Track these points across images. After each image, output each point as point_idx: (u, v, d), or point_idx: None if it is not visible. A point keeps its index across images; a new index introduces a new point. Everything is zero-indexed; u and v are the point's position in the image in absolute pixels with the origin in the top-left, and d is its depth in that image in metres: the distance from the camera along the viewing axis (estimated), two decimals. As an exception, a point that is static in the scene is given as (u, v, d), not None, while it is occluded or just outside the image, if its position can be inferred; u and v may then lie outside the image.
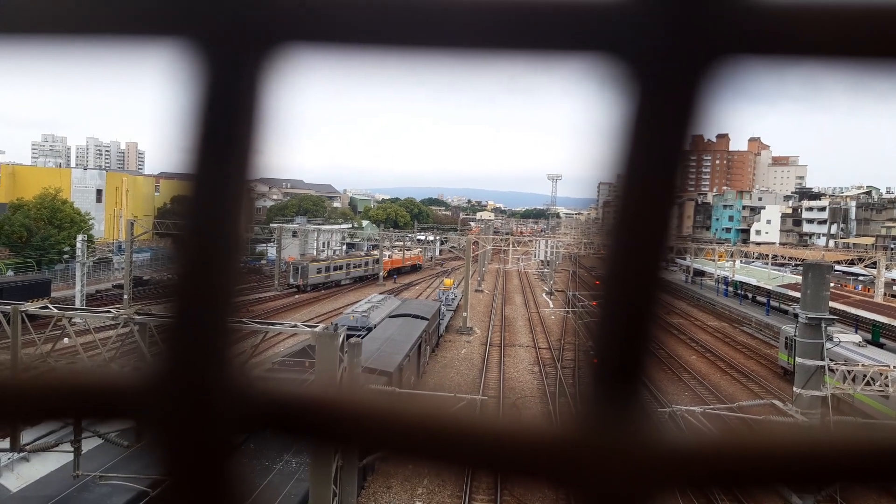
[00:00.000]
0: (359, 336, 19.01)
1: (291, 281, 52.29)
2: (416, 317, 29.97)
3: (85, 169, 79.70)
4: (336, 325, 15.40)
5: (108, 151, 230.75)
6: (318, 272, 53.92)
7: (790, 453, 0.47)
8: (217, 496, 0.54)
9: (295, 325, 13.66)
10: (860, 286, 50.36)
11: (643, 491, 0.47)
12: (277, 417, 0.53)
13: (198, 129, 0.50)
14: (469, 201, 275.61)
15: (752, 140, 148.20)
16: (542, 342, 36.76)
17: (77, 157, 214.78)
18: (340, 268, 57.62)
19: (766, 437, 0.48)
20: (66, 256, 46.94)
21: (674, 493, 0.47)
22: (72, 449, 13.18)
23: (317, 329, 12.52)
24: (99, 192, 65.90)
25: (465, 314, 39.76)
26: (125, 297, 36.97)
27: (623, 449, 0.47)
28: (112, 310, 15.91)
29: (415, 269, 71.81)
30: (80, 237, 38.05)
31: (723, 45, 0.44)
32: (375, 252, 64.65)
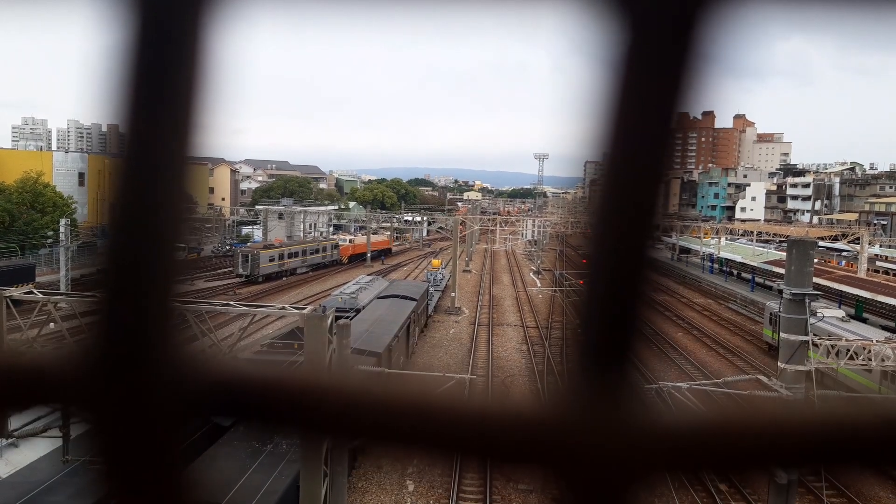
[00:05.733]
0: (347, 318, 18.99)
1: (240, 271, 46.61)
2: (405, 298, 29.96)
3: (66, 152, 78.59)
4: (324, 306, 15.37)
5: (89, 134, 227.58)
6: (271, 260, 48.54)
7: (780, 432, 0.46)
8: (161, 483, 0.51)
9: (283, 308, 13.61)
10: (844, 262, 50.87)
11: (634, 473, 0.47)
12: (256, 404, 0.51)
13: (130, 90, 0.43)
14: (456, 181, 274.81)
15: (738, 117, 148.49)
16: (529, 321, 36.93)
17: (58, 139, 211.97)
18: (296, 255, 52.10)
19: (756, 415, 0.47)
20: (49, 241, 46.41)
21: (665, 475, 0.47)
22: (60, 434, 13.15)
23: (305, 311, 12.48)
24: (81, 175, 65.01)
25: (453, 294, 39.84)
26: (111, 281, 36.55)
27: (613, 431, 0.46)
28: (98, 294, 15.75)
29: (382, 254, 64.84)
30: (63, 221, 37.61)
31: None
32: (334, 237, 62.18)
